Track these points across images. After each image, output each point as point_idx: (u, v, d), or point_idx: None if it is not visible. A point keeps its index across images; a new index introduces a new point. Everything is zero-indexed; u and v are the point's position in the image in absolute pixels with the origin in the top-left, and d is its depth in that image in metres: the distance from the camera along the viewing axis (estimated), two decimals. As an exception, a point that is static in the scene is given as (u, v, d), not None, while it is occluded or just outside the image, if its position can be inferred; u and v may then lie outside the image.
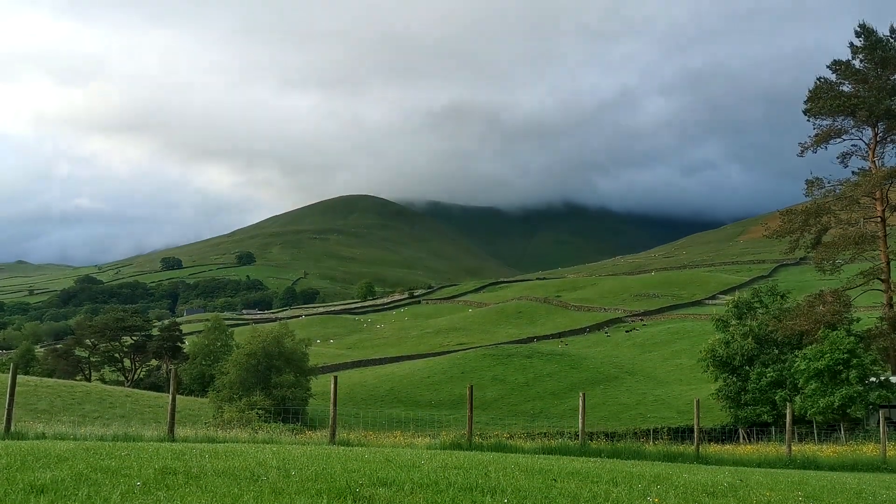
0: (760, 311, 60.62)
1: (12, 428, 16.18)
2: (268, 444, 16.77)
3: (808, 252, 61.42)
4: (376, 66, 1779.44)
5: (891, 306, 56.01)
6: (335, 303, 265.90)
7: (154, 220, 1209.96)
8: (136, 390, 75.68)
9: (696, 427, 23.07)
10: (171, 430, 17.75)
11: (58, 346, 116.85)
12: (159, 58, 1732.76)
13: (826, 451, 27.88)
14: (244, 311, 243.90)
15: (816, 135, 58.71)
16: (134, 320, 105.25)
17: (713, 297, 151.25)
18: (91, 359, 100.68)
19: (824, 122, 58.84)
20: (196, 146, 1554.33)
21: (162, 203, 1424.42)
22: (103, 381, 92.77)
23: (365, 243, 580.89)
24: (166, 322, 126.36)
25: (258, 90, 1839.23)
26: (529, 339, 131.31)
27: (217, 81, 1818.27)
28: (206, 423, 41.84)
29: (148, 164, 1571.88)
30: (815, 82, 58.83)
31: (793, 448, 23.85)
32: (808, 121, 59.24)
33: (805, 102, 58.98)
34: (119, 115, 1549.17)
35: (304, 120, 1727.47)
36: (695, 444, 22.08)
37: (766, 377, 53.97)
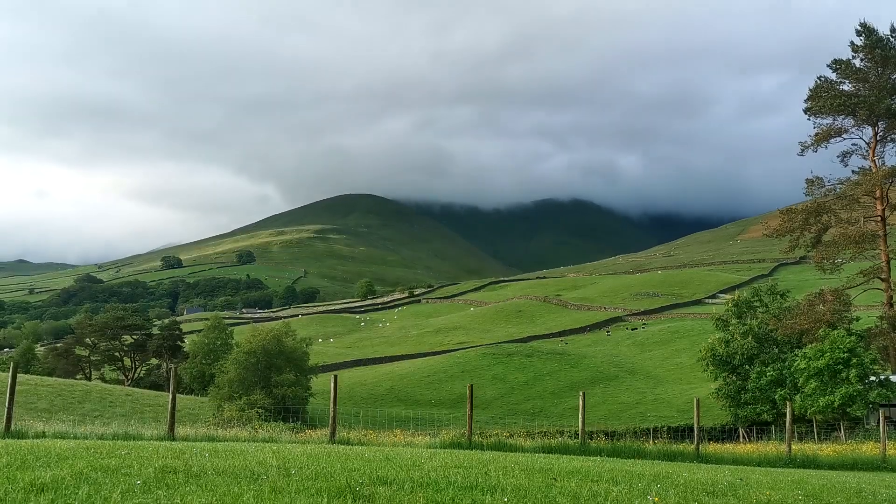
0: (760, 310, 60.65)
1: (12, 427, 16.17)
2: (268, 442, 16.77)
3: (808, 251, 61.40)
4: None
5: (891, 305, 56.01)
6: (335, 302, 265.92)
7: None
8: (136, 389, 75.68)
9: (696, 426, 23.08)
10: (171, 428, 17.75)
11: (58, 345, 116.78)
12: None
13: (826, 449, 27.86)
14: (244, 310, 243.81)
15: (817, 134, 58.67)
16: (134, 319, 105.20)
17: (713, 297, 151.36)
18: (91, 358, 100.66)
19: (825, 121, 58.85)
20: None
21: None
22: (103, 379, 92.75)
23: (365, 242, 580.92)
24: (166, 321, 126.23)
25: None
26: (529, 339, 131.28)
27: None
28: (206, 422, 41.92)
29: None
30: (816, 81, 58.86)
31: (793, 447, 23.86)
32: (809, 119, 59.28)
33: (805, 101, 59.02)
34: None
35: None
36: (695, 442, 22.09)
37: (765, 376, 53.99)
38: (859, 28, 57.62)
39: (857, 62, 58.33)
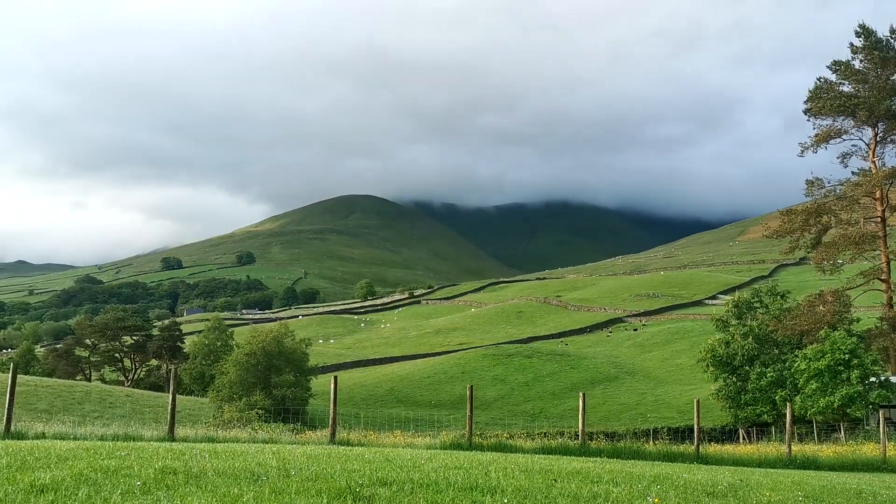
0: (760, 311, 60.65)
1: (12, 428, 16.18)
2: (268, 443, 16.77)
3: (809, 252, 61.42)
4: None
5: (891, 306, 56.01)
6: (335, 303, 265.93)
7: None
8: (136, 390, 75.68)
9: (696, 427, 23.06)
10: (171, 429, 17.75)
11: (58, 346, 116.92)
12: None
13: (826, 450, 27.86)
14: (244, 311, 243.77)
15: (816, 135, 58.72)
16: (134, 320, 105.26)
17: (713, 297, 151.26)
18: (91, 359, 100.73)
19: (824, 122, 58.89)
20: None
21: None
22: (103, 380, 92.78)
23: (365, 243, 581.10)
24: (166, 322, 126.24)
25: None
26: (529, 340, 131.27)
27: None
28: (206, 423, 41.81)
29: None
30: (815, 82, 58.94)
31: (793, 448, 23.85)
32: (809, 121, 59.32)
33: (805, 102, 59.04)
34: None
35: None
36: (695, 443, 22.07)
37: (766, 377, 53.96)
38: (858, 29, 57.65)
39: (856, 63, 58.37)
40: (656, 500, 9.01)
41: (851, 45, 58.03)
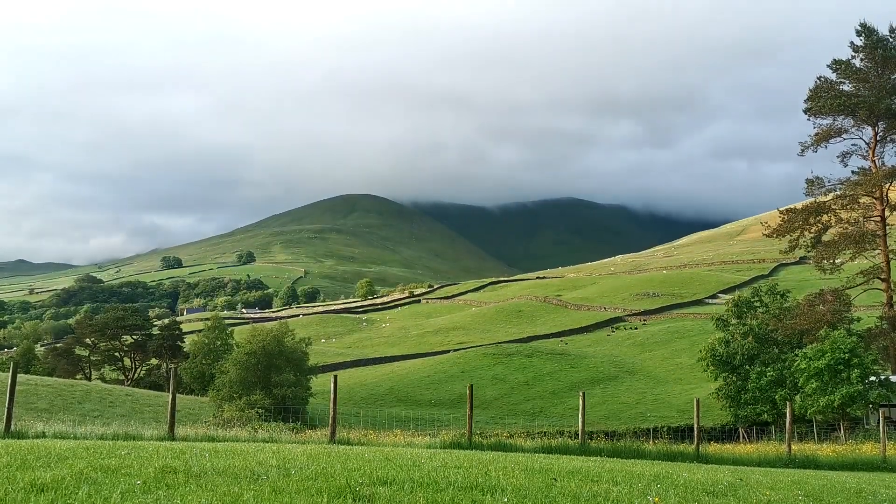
0: (760, 310, 60.64)
1: (12, 427, 16.17)
2: (268, 443, 16.77)
3: (808, 251, 61.38)
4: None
5: (891, 305, 56.01)
6: (335, 302, 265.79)
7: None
8: (136, 389, 75.67)
9: (696, 426, 23.07)
10: (172, 428, 17.75)
11: (58, 345, 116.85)
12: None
13: (826, 450, 27.89)
14: (244, 310, 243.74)
15: (816, 134, 58.67)
16: (134, 319, 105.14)
17: (713, 297, 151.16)
18: (91, 358, 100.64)
19: (824, 121, 58.81)
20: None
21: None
22: (103, 379, 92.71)
23: (365, 242, 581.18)
24: (166, 321, 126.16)
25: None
26: (529, 339, 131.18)
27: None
28: (206, 422, 41.86)
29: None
30: (816, 81, 58.81)
31: (793, 447, 23.88)
32: (809, 120, 59.27)
33: (805, 101, 58.98)
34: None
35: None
36: (695, 443, 22.09)
37: (766, 376, 53.97)
38: (859, 28, 57.60)
39: (857, 62, 58.33)
40: (656, 500, 9.02)
41: (852, 43, 57.98)
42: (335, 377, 19.80)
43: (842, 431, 45.39)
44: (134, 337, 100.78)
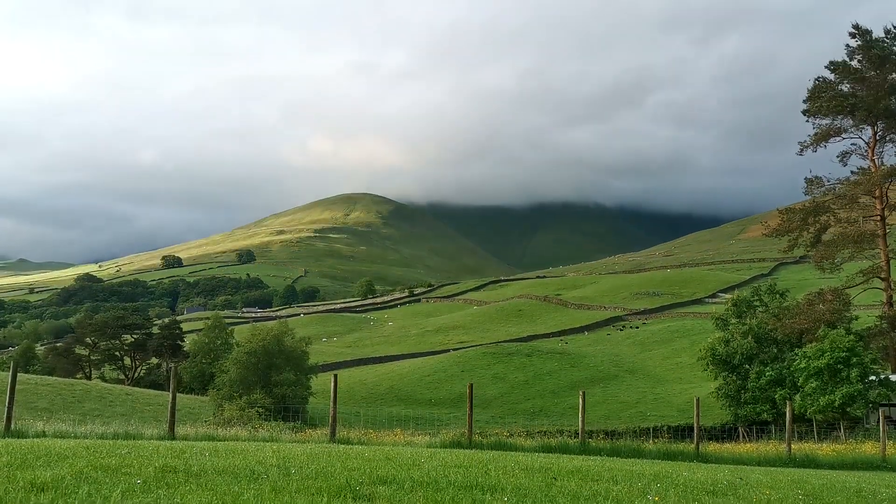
0: (760, 309, 60.66)
1: (12, 426, 16.18)
2: (268, 442, 16.78)
3: (808, 251, 61.42)
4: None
5: (890, 305, 56.04)
6: (335, 301, 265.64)
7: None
8: (136, 388, 75.66)
9: (696, 425, 23.07)
10: (172, 428, 17.76)
11: (58, 344, 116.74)
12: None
13: (826, 449, 27.89)
14: (244, 310, 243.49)
15: (815, 134, 58.70)
16: (134, 318, 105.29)
17: (713, 296, 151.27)
18: (91, 357, 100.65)
19: (823, 122, 58.85)
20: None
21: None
22: (103, 379, 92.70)
23: (365, 242, 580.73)
24: (166, 320, 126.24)
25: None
26: (529, 338, 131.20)
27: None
28: (206, 422, 41.94)
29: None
30: (814, 82, 58.85)
31: (792, 446, 23.88)
32: (808, 120, 59.28)
33: (804, 102, 59.00)
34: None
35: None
36: (695, 442, 22.10)
37: (765, 376, 54.00)
38: (853, 30, 57.62)
39: (854, 63, 58.36)
40: (656, 499, 9.02)
41: (847, 45, 58.08)
42: (335, 376, 19.80)
43: (842, 431, 45.39)
44: (134, 336, 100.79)
